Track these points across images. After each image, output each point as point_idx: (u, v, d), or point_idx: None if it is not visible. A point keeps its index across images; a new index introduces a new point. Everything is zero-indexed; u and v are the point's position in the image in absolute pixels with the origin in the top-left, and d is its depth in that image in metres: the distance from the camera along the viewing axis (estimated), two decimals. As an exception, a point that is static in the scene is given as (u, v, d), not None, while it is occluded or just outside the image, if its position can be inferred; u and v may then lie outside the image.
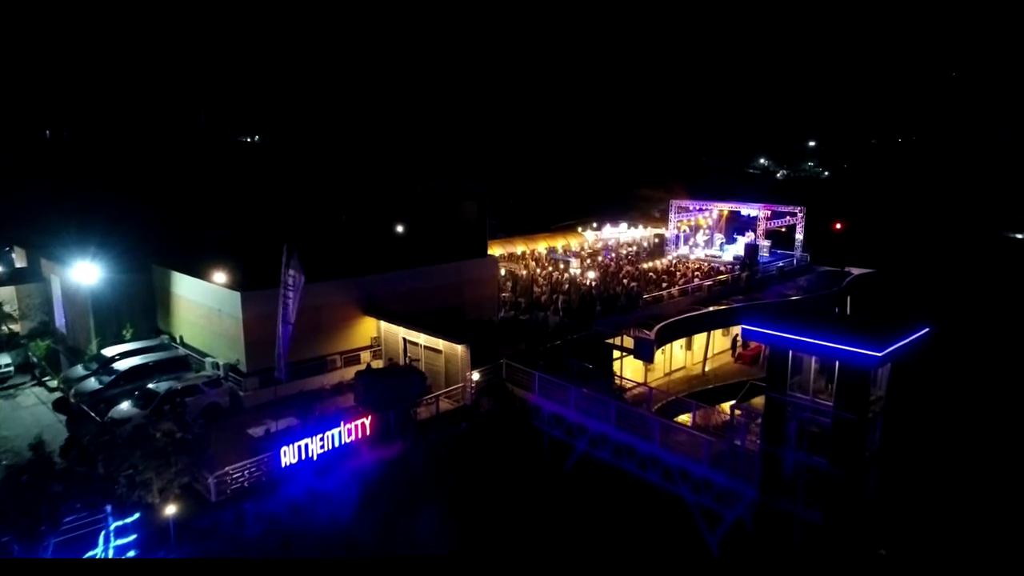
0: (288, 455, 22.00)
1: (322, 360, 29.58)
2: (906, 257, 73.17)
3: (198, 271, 30.20)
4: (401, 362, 30.40)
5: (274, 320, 27.08)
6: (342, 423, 23.37)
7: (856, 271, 49.89)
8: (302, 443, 22.27)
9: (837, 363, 19.75)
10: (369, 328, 31.39)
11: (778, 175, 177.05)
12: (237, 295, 27.30)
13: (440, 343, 28.38)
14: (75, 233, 32.62)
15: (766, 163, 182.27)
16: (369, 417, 24.30)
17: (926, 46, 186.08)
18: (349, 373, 30.20)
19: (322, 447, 22.79)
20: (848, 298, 46.20)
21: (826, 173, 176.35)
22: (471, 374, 27.95)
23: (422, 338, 29.10)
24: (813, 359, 20.43)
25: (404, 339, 30.13)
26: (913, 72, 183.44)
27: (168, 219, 36.23)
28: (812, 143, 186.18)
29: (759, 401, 22.60)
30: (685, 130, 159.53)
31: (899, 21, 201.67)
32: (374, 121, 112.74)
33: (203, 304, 29.98)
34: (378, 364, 31.32)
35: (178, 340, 32.15)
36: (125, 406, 25.08)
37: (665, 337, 35.50)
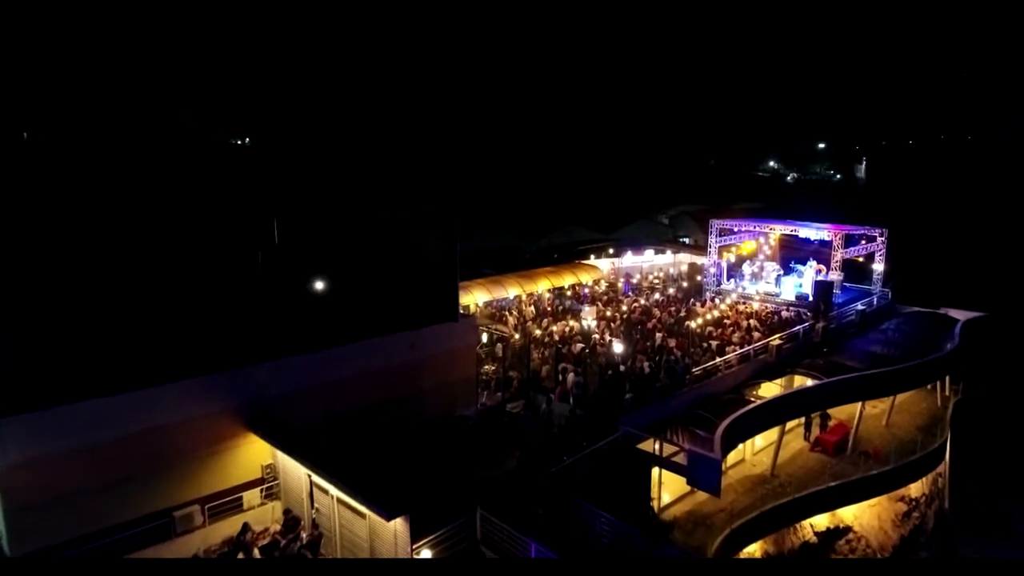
0: None
1: (165, 516, 17.20)
2: (991, 287, 59.77)
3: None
4: (305, 514, 18.05)
5: (70, 464, 15.17)
6: None
7: (959, 314, 37.41)
8: None
9: None
10: (260, 452, 19.03)
11: (788, 178, 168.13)
12: (-13, 423, 14.90)
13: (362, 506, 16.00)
14: None
15: (775, 166, 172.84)
16: None
17: (937, 46, 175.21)
18: (219, 532, 17.96)
19: None
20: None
21: (838, 176, 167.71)
22: (416, 553, 15.66)
23: (334, 488, 16.71)
24: None
25: (310, 478, 17.76)
26: (923, 73, 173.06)
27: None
28: (822, 145, 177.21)
29: None
30: (689, 131, 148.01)
31: (910, 21, 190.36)
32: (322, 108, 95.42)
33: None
34: (274, 510, 19.01)
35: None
36: None
37: (733, 441, 23.27)
